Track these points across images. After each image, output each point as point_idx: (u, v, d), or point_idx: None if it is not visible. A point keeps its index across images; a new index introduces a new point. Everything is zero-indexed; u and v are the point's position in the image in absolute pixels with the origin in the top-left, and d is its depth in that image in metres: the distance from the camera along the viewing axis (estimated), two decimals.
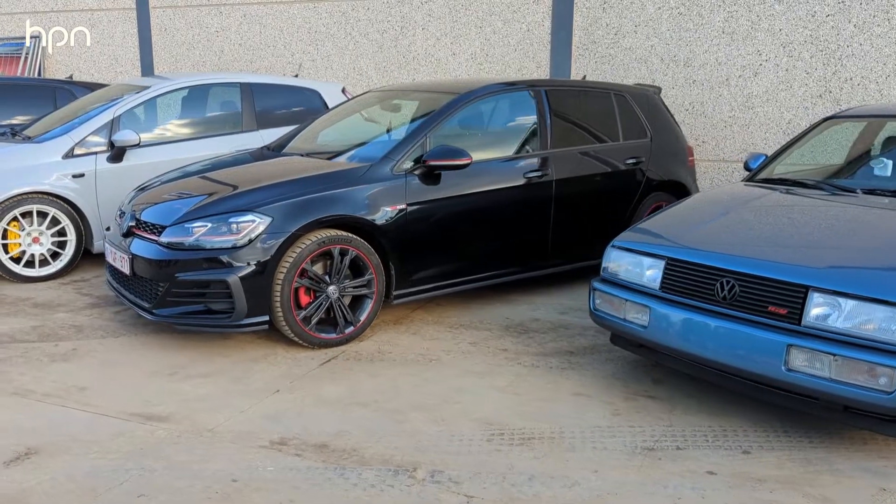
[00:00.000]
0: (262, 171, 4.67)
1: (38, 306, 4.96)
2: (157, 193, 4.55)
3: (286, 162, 4.81)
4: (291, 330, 4.02)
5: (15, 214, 5.44)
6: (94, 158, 5.74)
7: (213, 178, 4.66)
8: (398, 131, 5.02)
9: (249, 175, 4.58)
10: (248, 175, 4.59)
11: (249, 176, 4.54)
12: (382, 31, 8.49)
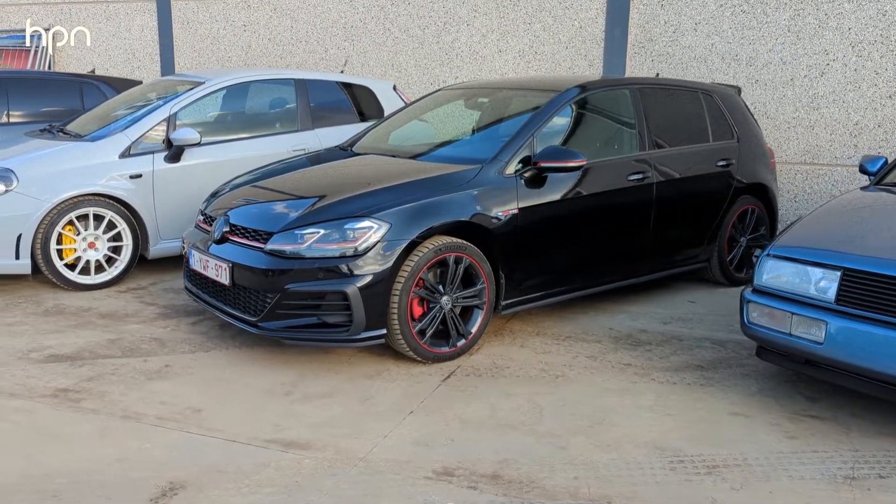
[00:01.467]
0: (355, 172, 4.38)
1: (105, 317, 4.61)
2: (248, 195, 4.25)
3: (378, 163, 4.52)
4: (407, 344, 3.74)
5: (71, 218, 5.08)
6: (152, 158, 5.40)
7: (305, 180, 4.36)
8: (492, 130, 4.77)
9: (343, 177, 4.29)
10: (342, 177, 4.31)
11: (344, 178, 4.25)
12: (424, 27, 8.21)
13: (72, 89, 7.59)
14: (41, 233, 4.98)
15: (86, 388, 3.54)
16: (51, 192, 4.99)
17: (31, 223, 4.94)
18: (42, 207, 4.96)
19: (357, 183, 4.03)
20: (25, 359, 3.90)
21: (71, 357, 3.93)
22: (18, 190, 4.94)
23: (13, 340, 4.17)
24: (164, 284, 5.36)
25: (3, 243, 4.91)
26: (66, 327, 4.42)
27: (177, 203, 5.49)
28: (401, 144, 5.22)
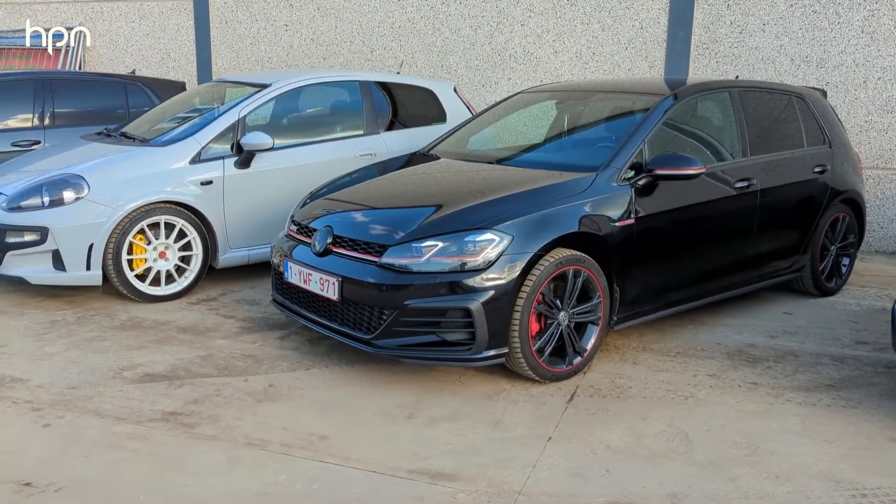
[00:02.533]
0: (462, 181, 4.14)
1: (186, 331, 4.41)
2: (346, 204, 4.04)
3: (483, 170, 4.28)
4: (527, 363, 3.54)
5: (142, 226, 4.87)
6: (222, 163, 5.18)
7: (408, 189, 4.15)
8: (590, 135, 4.57)
9: (451, 186, 4.07)
10: (448, 186, 4.09)
11: (453, 187, 4.04)
12: (476, 27, 8.01)
13: (116, 90, 7.37)
14: (113, 242, 4.76)
15: (195, 411, 3.33)
16: (122, 200, 4.77)
17: (102, 232, 4.72)
18: (114, 216, 4.74)
19: (470, 192, 3.82)
20: (119, 378, 3.70)
21: (167, 376, 3.72)
22: (89, 198, 4.72)
23: (100, 357, 3.96)
24: (235, 295, 5.15)
25: (73, 254, 4.69)
26: (149, 343, 4.21)
27: (246, 210, 5.28)
28: (490, 149, 5.02)
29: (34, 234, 4.66)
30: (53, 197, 4.70)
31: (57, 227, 4.64)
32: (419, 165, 4.62)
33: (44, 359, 3.93)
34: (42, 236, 4.65)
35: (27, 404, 3.38)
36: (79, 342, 4.19)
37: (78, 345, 4.15)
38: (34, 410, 3.31)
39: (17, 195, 4.76)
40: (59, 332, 4.36)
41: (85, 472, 2.82)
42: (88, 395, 3.48)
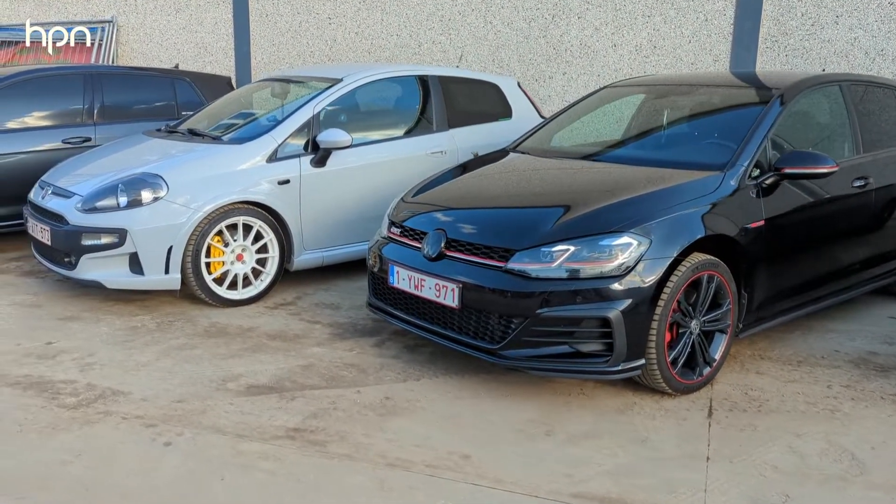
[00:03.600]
0: (577, 179, 3.92)
1: (275, 338, 4.20)
2: (453, 203, 3.84)
3: (594, 169, 4.06)
4: (661, 375, 3.34)
5: (221, 228, 4.66)
6: (298, 162, 4.97)
7: (522, 188, 3.94)
8: (699, 131, 4.36)
9: (568, 184, 3.86)
10: (566, 184, 3.87)
11: (571, 186, 3.83)
12: (530, 20, 7.79)
13: (164, 86, 7.14)
14: (192, 245, 4.55)
15: (318, 427, 3.13)
16: (202, 200, 4.56)
17: (182, 234, 4.51)
18: (194, 217, 4.53)
19: (596, 192, 3.60)
20: (224, 390, 3.49)
21: (274, 388, 3.52)
22: (168, 198, 4.51)
23: (195, 367, 3.76)
24: (311, 299, 4.94)
25: (152, 256, 4.48)
26: (242, 351, 4.00)
27: (321, 211, 5.07)
28: (590, 145, 4.79)
29: (112, 237, 4.45)
30: (131, 197, 4.49)
31: (135, 229, 4.43)
32: (518, 163, 4.40)
33: (137, 369, 3.73)
34: (120, 238, 4.44)
35: (138, 420, 3.17)
36: (168, 350, 3.98)
37: (168, 353, 3.94)
38: (148, 427, 3.11)
39: (92, 195, 4.54)
40: (143, 339, 4.15)
41: (227, 498, 2.62)
42: (200, 410, 3.27)
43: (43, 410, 3.24)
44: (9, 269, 5.57)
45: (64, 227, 4.53)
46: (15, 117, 6.11)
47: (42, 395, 3.40)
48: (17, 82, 6.20)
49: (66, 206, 4.58)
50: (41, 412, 3.22)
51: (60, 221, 4.58)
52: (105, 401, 3.35)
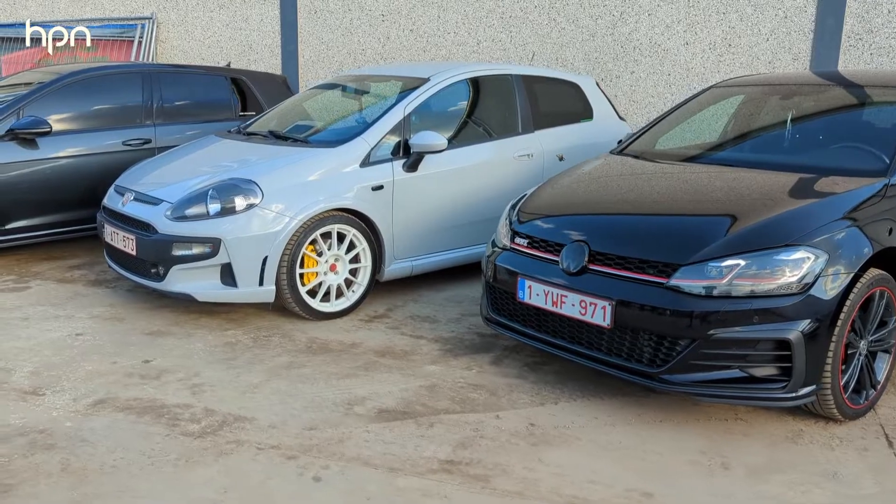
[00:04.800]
0: (730, 186, 3.61)
1: (384, 355, 3.94)
2: (589, 213, 3.58)
3: (728, 174, 3.77)
4: (834, 400, 3.07)
5: (315, 237, 4.40)
6: (391, 166, 4.71)
7: (662, 196, 3.67)
8: (840, 133, 4.09)
9: (721, 192, 3.57)
10: (717, 192, 3.59)
11: (725, 193, 3.55)
12: (597, 17, 7.53)
13: (221, 84, 6.88)
14: (287, 255, 4.29)
15: (472, 458, 2.87)
16: (298, 207, 4.30)
17: (277, 244, 4.25)
18: (290, 225, 4.27)
19: (756, 201, 3.33)
20: (353, 415, 3.23)
21: (406, 412, 3.26)
22: (263, 205, 4.25)
23: (312, 388, 3.50)
24: (404, 311, 4.68)
25: (246, 267, 4.22)
26: (354, 370, 3.74)
27: (413, 218, 4.81)
28: (718, 148, 4.49)
29: (205, 246, 4.18)
30: (224, 204, 4.22)
31: (230, 239, 4.17)
32: (640, 168, 4.13)
33: (252, 391, 3.47)
34: (213, 248, 4.17)
35: (275, 451, 2.91)
36: (275, 370, 3.72)
37: (277, 373, 3.68)
38: (289, 459, 2.85)
39: (182, 202, 4.28)
40: (244, 357, 3.89)
41: None
42: (336, 438, 3.01)
43: (167, 439, 2.99)
44: (73, 277, 5.31)
45: (152, 237, 4.26)
46: (74, 117, 5.85)
47: (160, 421, 3.14)
48: (75, 81, 5.93)
49: (154, 213, 4.32)
50: (167, 441, 2.97)
51: (147, 230, 4.32)
52: (231, 428, 3.09)
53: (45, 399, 3.33)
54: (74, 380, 3.55)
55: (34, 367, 3.69)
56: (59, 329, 4.24)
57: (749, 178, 3.66)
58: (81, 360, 3.80)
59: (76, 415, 3.18)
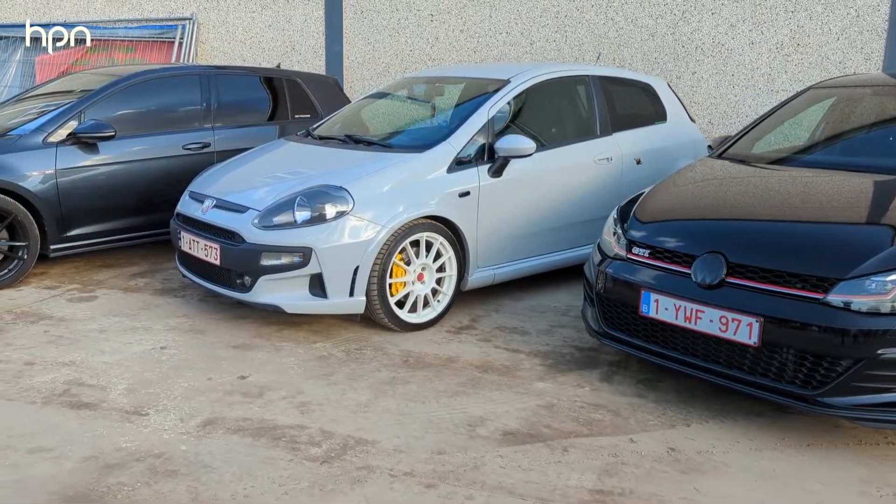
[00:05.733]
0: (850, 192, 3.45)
1: (486, 370, 3.76)
2: (718, 220, 3.39)
3: (860, 179, 3.59)
4: None
5: (404, 246, 4.22)
6: (476, 171, 4.52)
7: (783, 202, 3.48)
8: None
9: (852, 199, 3.40)
10: (856, 199, 3.42)
11: (855, 201, 3.37)
12: (657, 16, 7.34)
13: (276, 87, 6.69)
14: (378, 264, 4.11)
15: (624, 488, 2.68)
16: (389, 215, 4.12)
17: (369, 253, 4.07)
18: (381, 234, 4.09)
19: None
20: (479, 437, 3.05)
21: (533, 435, 3.08)
22: (354, 213, 4.07)
23: (424, 408, 3.31)
24: (488, 322, 4.50)
25: (337, 277, 4.04)
26: (461, 386, 3.56)
27: (496, 225, 4.63)
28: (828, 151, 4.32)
29: (295, 256, 4.00)
30: (314, 212, 4.04)
31: (321, 248, 3.99)
32: (753, 174, 3.95)
33: (362, 411, 3.29)
34: (304, 258, 4.00)
35: (409, 478, 2.73)
36: (379, 386, 3.54)
37: (382, 390, 3.50)
38: (427, 487, 2.67)
39: (270, 210, 4.10)
40: (341, 372, 3.71)
41: None
42: (471, 464, 2.83)
43: (293, 465, 2.81)
44: (138, 286, 5.14)
45: (240, 246, 4.09)
46: (133, 121, 5.67)
47: (278, 444, 2.97)
48: (135, 83, 5.76)
49: (240, 221, 4.14)
50: (293, 467, 2.79)
51: (233, 239, 4.14)
52: (355, 452, 2.91)
53: (151, 419, 3.15)
54: (174, 398, 3.37)
55: (128, 383, 3.52)
56: (141, 342, 4.07)
57: (887, 186, 3.46)
58: (174, 376, 3.63)
59: (188, 437, 3.00)
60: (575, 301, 4.95)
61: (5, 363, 3.74)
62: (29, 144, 5.12)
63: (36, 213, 5.10)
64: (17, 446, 2.89)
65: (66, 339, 4.10)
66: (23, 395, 3.36)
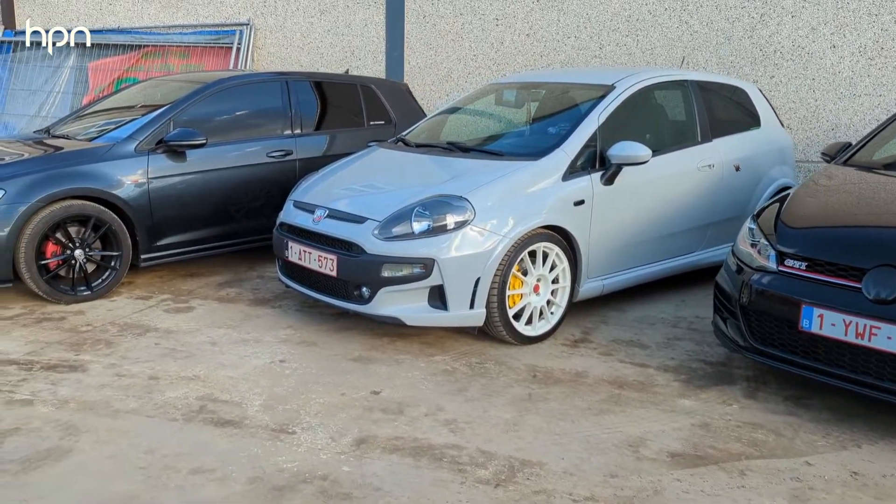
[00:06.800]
0: None
1: (622, 386, 3.63)
2: (872, 222, 3.26)
3: None
4: None
5: (523, 256, 4.11)
6: (589, 179, 4.40)
7: None
8: None
9: None
10: None
11: None
12: (734, 20, 7.20)
13: (352, 93, 6.60)
14: (499, 275, 4.00)
15: None
16: (509, 225, 4.00)
17: (490, 264, 3.95)
18: (502, 244, 3.97)
19: None
20: (646, 459, 2.92)
21: (701, 457, 2.94)
22: (475, 223, 3.95)
23: (576, 427, 3.19)
24: (602, 334, 4.38)
25: (458, 289, 3.93)
26: (604, 404, 3.43)
27: (607, 234, 4.51)
28: None
29: (416, 267, 3.89)
30: (435, 222, 3.94)
31: (444, 259, 3.88)
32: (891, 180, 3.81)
33: (513, 430, 3.16)
34: (426, 269, 3.89)
35: (593, 502, 2.61)
36: (519, 403, 3.42)
37: (523, 407, 3.38)
38: None
39: (390, 220, 3.99)
40: (473, 387, 3.59)
41: None
42: (649, 489, 2.71)
43: (466, 488, 2.69)
44: (230, 296, 5.04)
45: (360, 257, 3.98)
46: (218, 128, 5.58)
47: (441, 465, 2.85)
48: (220, 90, 5.68)
49: (359, 232, 4.03)
50: (469, 491, 2.67)
51: (351, 250, 4.04)
52: (525, 475, 2.79)
53: (300, 438, 3.05)
54: (315, 415, 3.27)
55: (262, 399, 3.41)
56: (258, 355, 3.97)
57: None
58: (305, 391, 3.52)
59: (346, 457, 2.90)
60: (680, 311, 4.84)
61: (129, 377, 3.65)
62: (122, 153, 5.04)
63: (128, 222, 5.04)
64: (178, 466, 2.79)
65: (181, 352, 4.00)
66: (160, 411, 3.27)
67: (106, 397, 3.41)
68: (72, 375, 3.66)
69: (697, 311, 4.85)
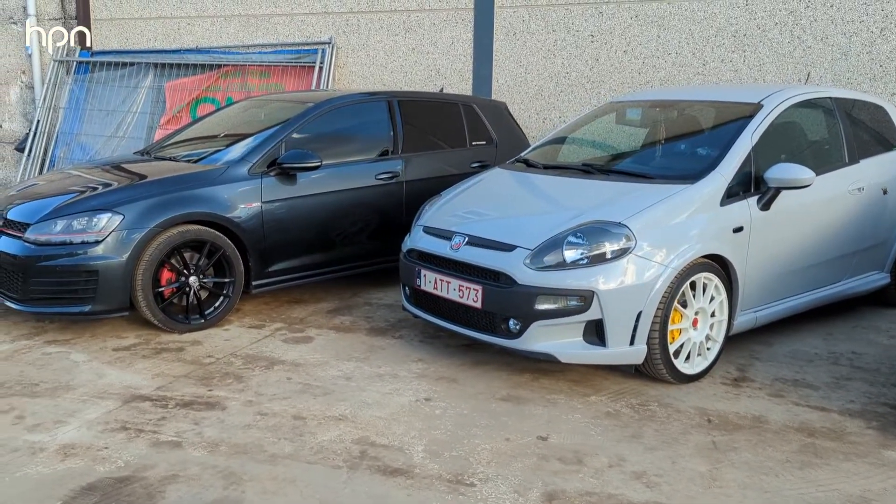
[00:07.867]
0: None
1: (813, 434, 3.27)
2: None
3: None
4: None
5: (683, 289, 3.78)
6: (746, 204, 4.06)
7: None
8: None
9: None
10: None
11: None
12: (850, 34, 6.82)
13: (454, 113, 6.37)
14: (661, 309, 3.68)
15: None
16: (672, 255, 3.69)
17: (652, 296, 3.63)
18: (664, 275, 3.65)
19: None
20: None
21: None
22: (637, 252, 3.65)
23: (785, 483, 2.84)
24: (759, 372, 4.03)
25: (619, 324, 3.61)
26: (799, 454, 3.08)
27: (763, 263, 4.15)
28: None
29: (574, 300, 3.60)
30: (593, 251, 3.64)
31: (604, 291, 3.57)
32: None
33: (715, 486, 2.83)
34: (584, 302, 3.58)
35: None
36: (705, 452, 3.09)
37: (713, 458, 3.04)
38: None
39: (542, 249, 3.70)
40: (646, 433, 3.27)
41: None
42: None
43: None
44: (345, 325, 4.79)
45: (510, 288, 3.69)
46: (326, 150, 5.34)
47: None
48: (329, 110, 5.48)
49: (508, 261, 3.75)
50: None
51: (499, 280, 3.76)
52: None
53: (482, 491, 2.76)
54: (486, 463, 2.98)
55: (424, 444, 3.13)
56: (399, 392, 3.70)
57: None
58: (465, 434, 3.23)
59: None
60: (831, 346, 4.47)
61: (272, 416, 3.40)
62: (236, 175, 4.85)
63: (241, 247, 4.84)
64: None
65: (317, 387, 3.75)
66: (320, 457, 3.01)
67: (256, 439, 3.17)
68: (211, 414, 3.43)
69: (852, 347, 4.47)
